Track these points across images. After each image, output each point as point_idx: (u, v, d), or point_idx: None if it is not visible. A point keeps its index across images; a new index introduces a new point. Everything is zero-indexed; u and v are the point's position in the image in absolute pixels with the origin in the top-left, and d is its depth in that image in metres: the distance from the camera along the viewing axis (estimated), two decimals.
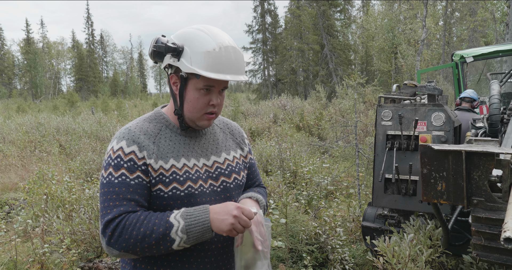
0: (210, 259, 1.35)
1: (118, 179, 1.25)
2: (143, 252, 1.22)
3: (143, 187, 1.27)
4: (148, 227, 1.20)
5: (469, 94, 4.75)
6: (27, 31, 54.76)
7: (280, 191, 4.86)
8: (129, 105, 26.00)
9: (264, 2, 38.00)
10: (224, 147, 1.49)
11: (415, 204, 2.82)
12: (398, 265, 2.49)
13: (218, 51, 1.27)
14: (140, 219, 1.21)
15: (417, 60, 17.21)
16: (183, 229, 1.20)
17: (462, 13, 26.80)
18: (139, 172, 1.27)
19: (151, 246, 1.20)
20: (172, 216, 1.22)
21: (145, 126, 1.36)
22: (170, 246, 1.21)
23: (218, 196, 1.38)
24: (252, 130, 12.14)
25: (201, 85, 1.30)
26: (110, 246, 1.21)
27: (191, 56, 1.27)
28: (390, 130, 2.94)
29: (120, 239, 1.20)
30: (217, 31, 1.33)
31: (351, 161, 7.61)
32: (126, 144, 1.29)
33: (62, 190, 4.88)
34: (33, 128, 12.13)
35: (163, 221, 1.21)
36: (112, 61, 68.20)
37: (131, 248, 1.20)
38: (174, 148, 1.35)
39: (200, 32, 1.31)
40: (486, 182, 1.80)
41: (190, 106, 1.33)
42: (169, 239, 1.20)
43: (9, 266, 3.97)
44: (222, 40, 1.30)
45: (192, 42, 1.29)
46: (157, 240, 1.20)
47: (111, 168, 1.27)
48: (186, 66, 1.28)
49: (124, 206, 1.23)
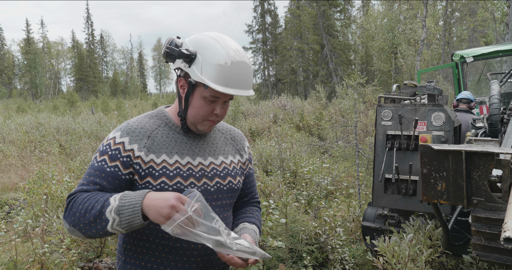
0: (196, 259, 1.36)
1: (98, 163, 1.32)
2: (85, 230, 1.21)
3: (116, 176, 1.30)
4: (91, 202, 1.21)
5: (466, 95, 4.77)
6: (27, 31, 54.80)
7: (280, 191, 4.85)
8: (129, 105, 26.01)
9: (264, 2, 38.02)
10: (223, 151, 1.51)
11: (415, 204, 2.82)
12: (398, 265, 2.49)
13: (230, 66, 1.29)
14: (90, 195, 1.24)
15: (417, 60, 17.22)
16: (115, 209, 1.17)
17: (462, 13, 26.81)
18: (118, 161, 1.31)
19: (90, 224, 1.20)
20: (114, 195, 1.22)
21: (144, 121, 1.41)
22: (105, 226, 1.19)
23: (210, 196, 1.39)
24: (252, 130, 12.14)
25: (207, 94, 1.32)
26: (64, 219, 1.25)
27: (202, 66, 1.29)
28: (390, 131, 2.94)
29: (71, 212, 1.23)
30: (231, 43, 1.33)
31: (351, 161, 7.61)
32: (119, 135, 1.35)
33: (62, 190, 4.87)
34: (33, 128, 12.13)
35: (104, 198, 1.21)
36: (112, 61, 68.19)
37: (77, 223, 1.22)
38: (169, 145, 1.38)
39: (214, 42, 1.32)
40: (486, 182, 1.80)
41: (194, 112, 1.36)
42: (104, 218, 1.18)
43: (9, 266, 3.98)
44: (235, 54, 1.31)
45: (205, 51, 1.30)
46: (94, 217, 1.19)
47: (99, 152, 1.34)
48: (196, 74, 1.30)
49: (88, 186, 1.28)
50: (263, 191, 4.86)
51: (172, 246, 1.33)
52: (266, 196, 4.75)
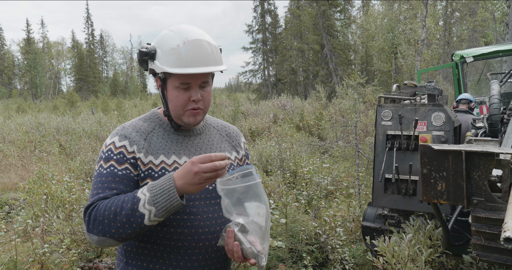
0: (198, 257, 1.35)
1: (106, 170, 1.30)
2: (119, 234, 1.19)
3: (130, 178, 1.30)
4: (118, 204, 1.19)
5: (466, 96, 4.79)
6: (27, 31, 54.79)
7: (280, 191, 4.85)
8: (129, 105, 26.00)
9: (264, 2, 37.98)
10: (219, 148, 1.50)
11: (415, 204, 2.82)
12: (397, 265, 2.49)
13: (183, 46, 1.29)
14: (112, 199, 1.22)
15: (417, 60, 17.21)
16: (149, 201, 1.17)
17: (462, 13, 26.79)
18: (127, 164, 1.31)
19: (124, 225, 1.18)
20: (139, 191, 1.21)
21: (138, 125, 1.41)
22: (142, 221, 1.18)
23: (209, 194, 1.39)
24: (252, 130, 12.14)
25: (177, 83, 1.32)
26: (89, 232, 1.21)
27: (161, 57, 1.31)
28: (390, 130, 2.94)
29: (96, 222, 1.20)
30: (185, 27, 1.34)
31: (351, 161, 7.61)
32: (118, 139, 1.34)
33: (62, 190, 4.87)
34: (33, 128, 12.13)
35: (131, 197, 1.20)
36: (112, 61, 68.17)
37: (107, 230, 1.19)
38: (165, 146, 1.38)
39: (169, 32, 1.35)
40: (486, 182, 1.79)
41: (172, 105, 1.36)
42: (138, 214, 1.17)
43: (9, 266, 3.97)
44: (188, 34, 1.31)
45: (161, 43, 1.33)
46: (127, 217, 1.17)
47: (102, 160, 1.33)
48: (158, 66, 1.32)
49: (105, 193, 1.26)
50: None
51: (174, 246, 1.32)
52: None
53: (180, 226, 1.32)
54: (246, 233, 1.24)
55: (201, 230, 1.34)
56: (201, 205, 1.36)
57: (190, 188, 1.18)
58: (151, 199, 1.18)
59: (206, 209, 1.37)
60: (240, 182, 1.22)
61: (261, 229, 1.26)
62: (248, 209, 1.25)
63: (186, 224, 1.33)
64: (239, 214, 1.25)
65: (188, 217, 1.33)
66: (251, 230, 1.24)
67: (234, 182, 1.22)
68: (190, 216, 1.33)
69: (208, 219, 1.36)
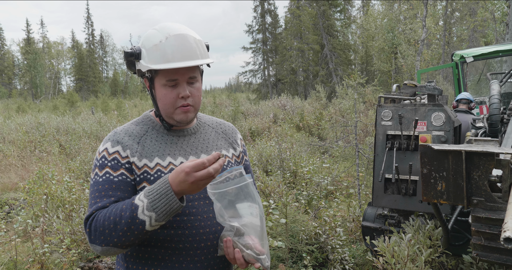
0: (200, 258, 1.34)
1: (102, 177, 1.29)
2: (122, 242, 1.19)
3: (126, 183, 1.29)
4: (117, 213, 1.18)
5: (465, 96, 4.79)
6: (27, 31, 54.81)
7: (280, 191, 4.85)
8: (129, 105, 26.00)
9: (264, 2, 37.99)
10: (215, 146, 1.49)
11: (415, 204, 2.82)
12: (397, 265, 2.49)
13: (165, 42, 1.28)
14: (110, 208, 1.21)
15: (417, 60, 17.21)
16: (148, 207, 1.16)
17: (462, 13, 26.78)
18: (123, 169, 1.30)
19: (126, 233, 1.17)
20: (136, 197, 1.20)
21: (131, 129, 1.39)
22: (144, 228, 1.17)
23: (207, 193, 1.37)
24: (252, 130, 12.14)
25: (164, 80, 1.31)
26: (92, 243, 1.21)
27: (146, 55, 1.31)
28: (390, 130, 2.94)
29: (97, 233, 1.19)
30: (168, 24, 1.34)
31: (351, 161, 7.61)
32: (110, 145, 1.33)
33: (62, 190, 4.87)
34: (33, 128, 12.13)
35: (128, 204, 1.19)
36: (112, 61, 68.17)
37: (109, 240, 1.18)
38: (159, 147, 1.36)
39: (152, 30, 1.34)
40: (486, 182, 1.79)
41: (162, 104, 1.34)
42: (138, 221, 1.16)
43: (9, 266, 3.97)
44: (170, 30, 1.30)
45: (144, 42, 1.33)
46: (128, 225, 1.16)
47: (97, 168, 1.31)
48: (143, 65, 1.31)
49: (103, 201, 1.25)
50: (263, 191, 4.85)
51: (175, 248, 1.31)
52: (266, 196, 4.75)
53: (181, 227, 1.31)
54: (242, 235, 1.23)
55: (202, 230, 1.33)
56: (201, 205, 1.35)
57: (187, 192, 1.18)
58: (150, 204, 1.16)
59: (206, 209, 1.35)
60: (231, 184, 1.21)
61: (257, 229, 1.25)
62: (241, 210, 1.24)
63: (187, 225, 1.31)
64: (232, 216, 1.24)
65: (188, 218, 1.32)
66: (247, 231, 1.23)
67: (225, 185, 1.21)
68: (190, 216, 1.32)
69: (209, 218, 1.35)
